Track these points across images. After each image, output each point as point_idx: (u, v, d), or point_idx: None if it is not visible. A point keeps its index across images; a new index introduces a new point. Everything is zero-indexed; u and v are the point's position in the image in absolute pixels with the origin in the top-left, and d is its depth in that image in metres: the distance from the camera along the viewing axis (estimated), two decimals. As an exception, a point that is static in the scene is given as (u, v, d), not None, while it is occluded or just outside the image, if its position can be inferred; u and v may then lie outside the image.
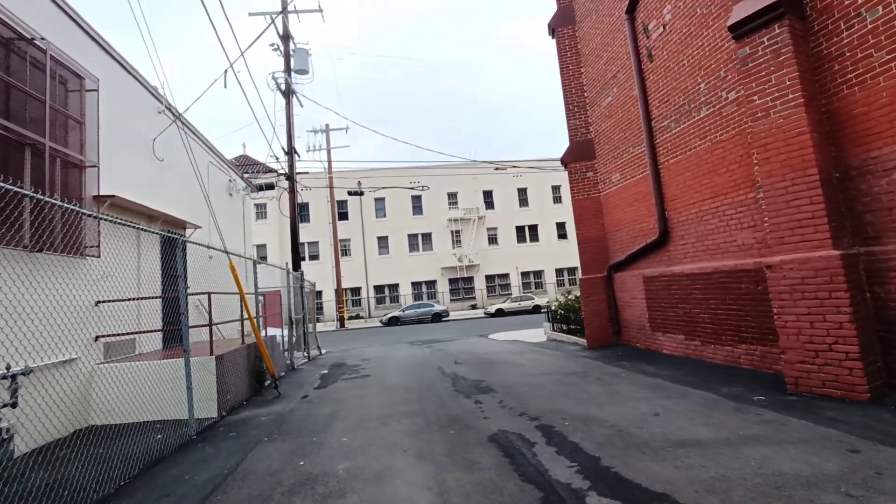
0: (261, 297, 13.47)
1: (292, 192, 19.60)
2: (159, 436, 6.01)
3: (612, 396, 6.03)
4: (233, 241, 12.85)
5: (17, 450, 5.29)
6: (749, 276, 6.34)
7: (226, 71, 8.41)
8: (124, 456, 5.10)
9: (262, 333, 10.78)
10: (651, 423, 4.77)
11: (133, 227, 5.45)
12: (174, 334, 9.28)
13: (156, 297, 7.34)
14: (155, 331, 7.87)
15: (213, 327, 11.14)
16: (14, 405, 4.63)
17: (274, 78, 19.58)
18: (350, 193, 22.02)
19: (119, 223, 5.17)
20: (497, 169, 21.26)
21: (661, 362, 7.85)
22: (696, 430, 4.47)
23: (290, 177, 19.68)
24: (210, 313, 7.37)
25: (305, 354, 14.42)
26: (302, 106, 21.53)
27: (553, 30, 11.16)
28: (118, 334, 7.25)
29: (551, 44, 14.40)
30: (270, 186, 20.04)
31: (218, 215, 12.32)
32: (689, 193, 7.54)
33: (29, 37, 5.91)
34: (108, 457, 5.12)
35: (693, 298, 7.55)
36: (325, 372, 11.11)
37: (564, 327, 13.35)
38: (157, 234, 5.98)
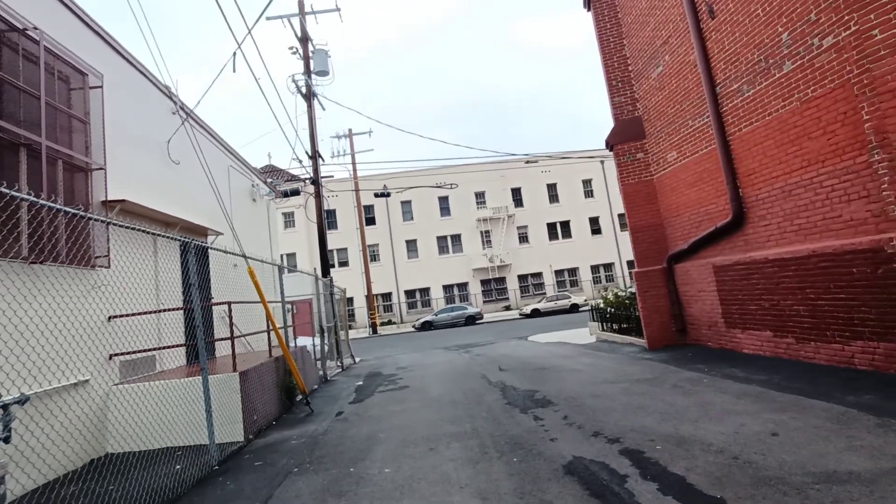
0: (289, 306, 12.87)
1: (318, 196, 19.09)
2: (178, 466, 5.31)
3: (703, 410, 5.01)
4: (257, 248, 12.28)
5: (9, 493, 4.64)
6: (864, 257, 5.21)
7: (234, 53, 7.77)
8: (134, 496, 4.39)
9: (291, 345, 10.11)
10: (774, 447, 3.75)
11: (142, 231, 4.77)
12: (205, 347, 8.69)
13: (174, 310, 6.70)
14: (176, 346, 7.24)
15: (242, 340, 10.60)
16: (6, 440, 3.97)
17: (294, 80, 19.14)
18: (376, 195, 21.39)
19: (127, 227, 4.50)
20: (528, 163, 20.27)
21: (747, 364, 6.74)
22: (841, 457, 3.43)
23: (316, 181, 19.18)
24: (231, 325, 6.68)
25: (339, 364, 13.75)
26: (325, 109, 21.05)
27: (588, 1, 10.16)
28: (135, 352, 6.64)
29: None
30: (296, 192, 19.55)
31: (241, 221, 11.78)
32: (771, 166, 6.43)
33: (20, 27, 5.34)
34: (116, 498, 4.42)
35: (783, 288, 6.43)
36: (360, 383, 10.36)
37: (615, 326, 12.24)
38: (167, 238, 5.30)
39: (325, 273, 18.31)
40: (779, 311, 6.56)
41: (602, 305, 12.69)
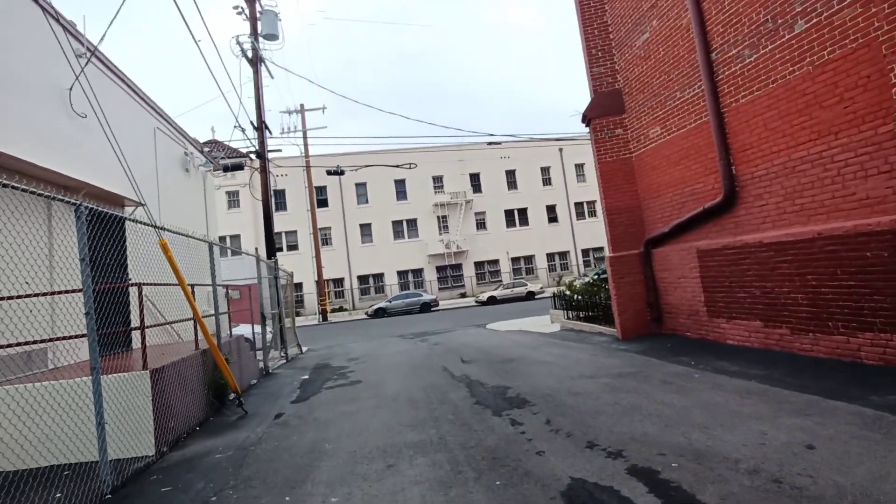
0: (227, 290, 11.45)
1: (264, 171, 17.50)
2: (59, 494, 4.09)
3: (708, 412, 4.31)
4: (191, 225, 10.77)
5: None
6: (881, 239, 4.66)
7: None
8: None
9: (226, 334, 8.83)
10: (818, 466, 3.04)
11: (14, 187, 3.48)
12: (114, 338, 7.28)
13: (65, 292, 5.32)
14: (73, 337, 5.86)
15: (169, 329, 9.14)
16: None
17: (239, 42, 17.35)
18: (329, 173, 19.97)
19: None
20: (490, 144, 19.41)
21: (736, 357, 6.18)
22: (912, 479, 2.76)
23: (261, 154, 17.56)
24: (142, 311, 5.41)
25: (283, 354, 12.50)
26: (273, 77, 19.37)
27: (568, -38, 9.29)
28: (11, 345, 5.25)
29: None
30: (239, 167, 17.84)
31: (168, 192, 10.26)
32: (773, 139, 5.82)
33: None
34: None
35: (778, 275, 5.87)
36: (306, 377, 9.23)
37: (581, 315, 11.67)
38: (58, 201, 3.98)
39: (271, 255, 16.84)
40: (772, 299, 6.02)
41: (567, 292, 12.09)
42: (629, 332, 8.52)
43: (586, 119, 9.18)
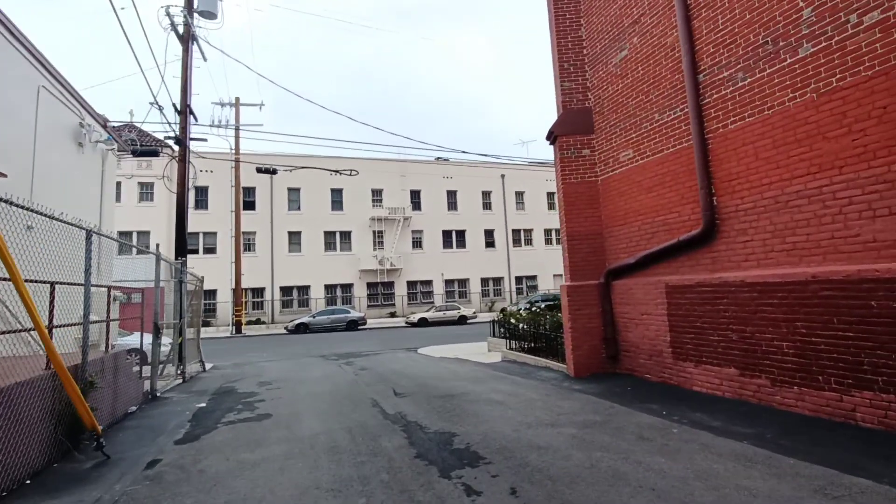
0: (122, 295, 9.52)
1: (183, 160, 15.46)
2: None
3: (714, 488, 3.45)
4: (79, 212, 8.81)
5: None
6: (889, 287, 4.15)
7: None
8: None
9: (103, 347, 7.04)
10: None
11: None
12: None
13: None
14: None
15: (30, 340, 7.07)
16: None
17: (168, 14, 15.41)
18: (259, 171, 18.15)
19: None
20: (438, 159, 18.60)
21: (710, 408, 5.51)
22: None
23: (182, 141, 15.54)
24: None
25: (180, 373, 10.56)
26: (206, 60, 17.42)
27: (543, -30, 8.74)
28: None
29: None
30: (153, 153, 15.71)
31: (50, 167, 8.31)
32: (764, 169, 5.32)
33: None
34: None
35: (760, 318, 5.31)
36: (203, 405, 7.55)
37: (525, 345, 10.88)
38: None
39: (181, 254, 14.72)
40: (751, 345, 5.44)
41: (512, 321, 11.27)
42: (582, 369, 7.75)
43: (552, 136, 8.52)
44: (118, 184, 31.30)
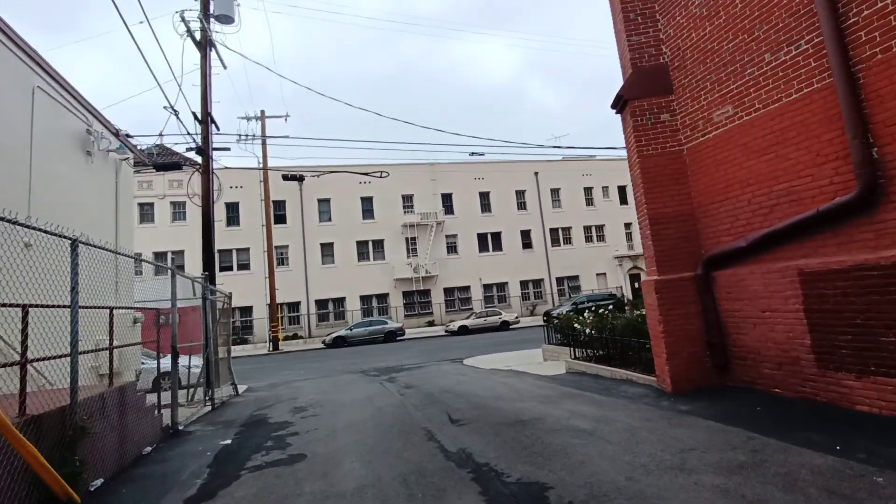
0: (139, 315, 8.61)
1: (207, 171, 14.68)
2: None
3: None
4: (91, 229, 7.94)
5: None
6: None
7: None
8: None
9: (137, 370, 6.05)
10: None
11: None
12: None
13: None
14: None
15: (34, 374, 6.08)
16: None
17: (184, 20, 14.70)
18: (286, 178, 17.31)
19: None
20: (473, 153, 17.32)
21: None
22: None
23: (204, 150, 14.78)
24: None
25: (208, 399, 9.57)
26: (226, 67, 16.73)
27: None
28: None
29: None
30: (176, 166, 14.97)
31: (53, 179, 7.45)
32: (964, 99, 3.77)
33: None
34: None
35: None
36: (228, 442, 6.43)
37: (591, 353, 9.39)
38: None
39: (209, 269, 13.90)
40: (957, 348, 3.86)
41: (576, 325, 9.79)
42: (682, 382, 6.24)
43: (620, 102, 7.08)
44: (151, 204, 31.46)
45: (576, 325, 9.64)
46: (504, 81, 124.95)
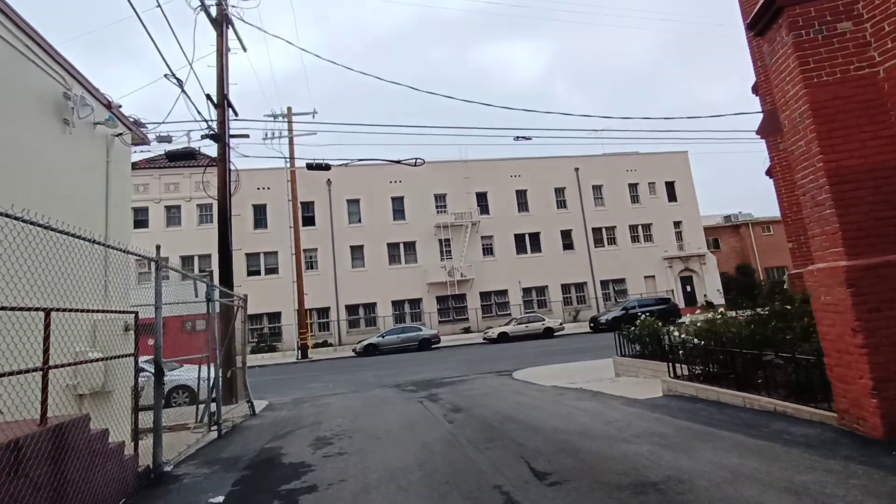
0: (131, 322, 6.95)
1: (223, 159, 13.12)
2: None
3: None
4: (68, 216, 6.28)
5: None
6: None
7: None
8: None
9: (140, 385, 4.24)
10: None
11: None
12: None
13: None
14: None
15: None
16: None
17: (197, -8, 13.19)
18: (310, 167, 15.63)
19: None
20: (518, 138, 15.28)
21: None
22: None
23: (221, 137, 13.24)
24: None
25: (214, 425, 7.79)
26: (245, 50, 15.20)
27: None
28: None
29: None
30: (190, 155, 13.47)
31: (17, 154, 5.82)
32: None
33: None
34: None
35: None
36: (220, 501, 4.55)
37: (698, 371, 7.15)
38: None
39: (225, 273, 12.27)
40: None
41: (675, 333, 7.54)
42: (899, 424, 3.99)
43: (769, 12, 4.91)
44: (178, 207, 30.56)
45: (676, 333, 7.39)
46: (532, 83, 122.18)
